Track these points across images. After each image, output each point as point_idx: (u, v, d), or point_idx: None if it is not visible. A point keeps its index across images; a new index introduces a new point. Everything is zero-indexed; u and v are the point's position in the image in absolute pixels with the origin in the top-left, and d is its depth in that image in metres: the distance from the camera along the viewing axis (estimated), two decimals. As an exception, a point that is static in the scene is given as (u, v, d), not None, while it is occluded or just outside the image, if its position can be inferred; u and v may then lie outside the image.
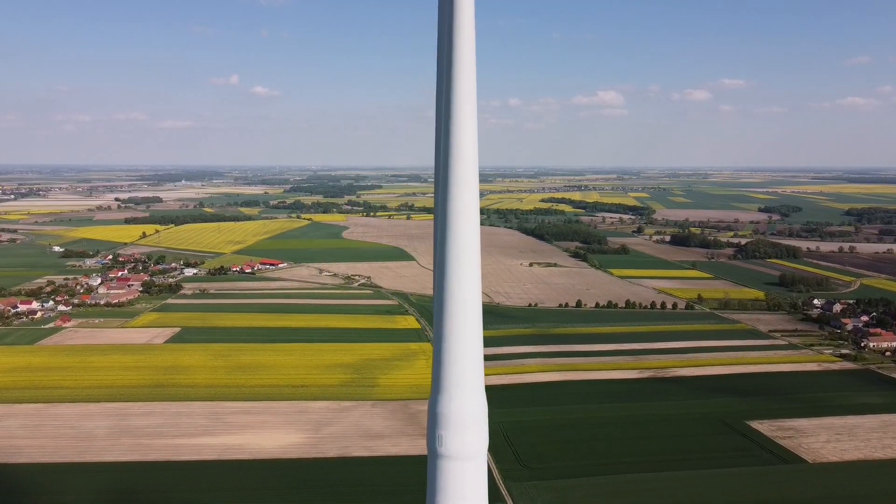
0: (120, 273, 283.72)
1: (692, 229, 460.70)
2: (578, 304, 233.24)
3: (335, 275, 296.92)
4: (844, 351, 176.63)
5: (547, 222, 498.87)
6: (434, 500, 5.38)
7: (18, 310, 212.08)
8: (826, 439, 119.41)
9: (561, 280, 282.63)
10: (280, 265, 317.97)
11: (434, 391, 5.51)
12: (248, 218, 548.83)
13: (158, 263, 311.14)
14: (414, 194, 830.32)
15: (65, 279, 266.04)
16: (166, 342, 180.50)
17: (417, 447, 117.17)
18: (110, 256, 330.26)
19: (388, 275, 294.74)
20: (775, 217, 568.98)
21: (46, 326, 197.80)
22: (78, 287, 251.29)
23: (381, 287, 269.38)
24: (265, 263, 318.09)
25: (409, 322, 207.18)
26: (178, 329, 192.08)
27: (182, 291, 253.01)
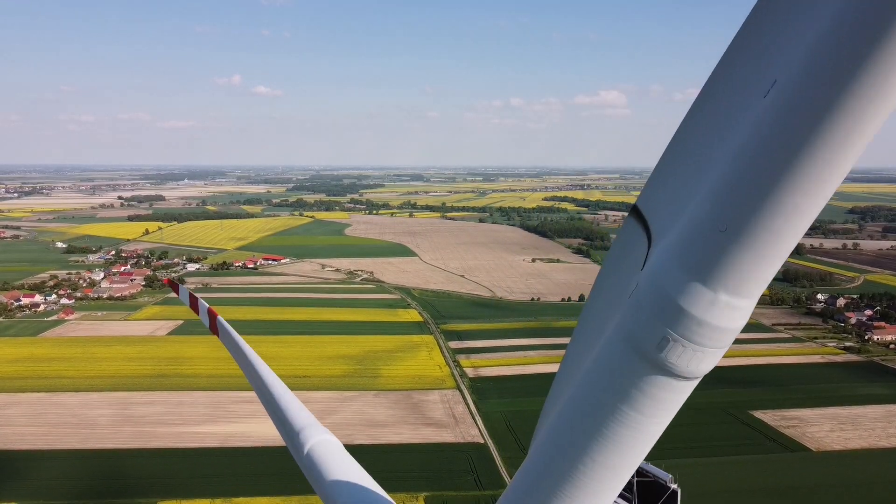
0: (122, 268, 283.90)
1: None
2: (581, 298, 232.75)
3: (338, 270, 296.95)
4: (848, 344, 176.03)
5: (549, 220, 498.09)
6: (617, 412, 3.62)
7: (21, 303, 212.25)
8: (830, 428, 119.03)
9: (563, 275, 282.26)
10: (282, 261, 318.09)
11: (680, 268, 4.18)
12: (251, 216, 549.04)
13: (161, 259, 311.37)
14: (416, 193, 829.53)
15: (68, 274, 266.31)
16: (168, 334, 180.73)
17: (420, 436, 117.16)
18: (113, 252, 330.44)
19: (391, 270, 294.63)
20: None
21: (49, 319, 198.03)
22: (81, 281, 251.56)
23: (383, 282, 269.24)
24: (268, 259, 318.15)
25: (412, 315, 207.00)
26: (180, 322, 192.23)
27: (184, 286, 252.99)
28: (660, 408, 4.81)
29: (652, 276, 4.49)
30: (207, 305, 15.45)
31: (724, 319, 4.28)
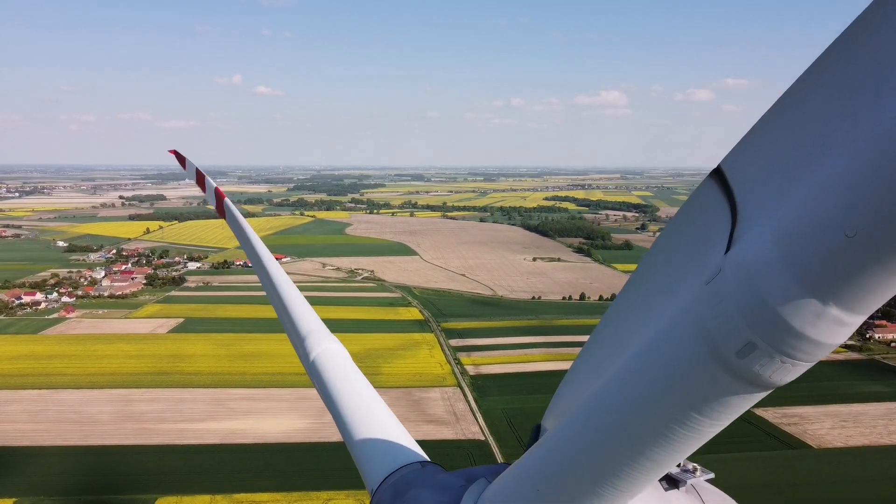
0: (123, 266, 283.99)
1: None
2: (582, 296, 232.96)
3: (338, 269, 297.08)
4: (850, 342, 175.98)
5: (550, 219, 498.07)
6: (674, 411, 3.25)
7: (22, 301, 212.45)
8: (831, 426, 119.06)
9: (564, 274, 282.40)
10: (283, 259, 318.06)
11: (784, 268, 3.34)
12: (252, 215, 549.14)
13: (162, 257, 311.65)
14: (417, 192, 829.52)
15: (69, 272, 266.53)
16: (169, 332, 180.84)
17: (420, 433, 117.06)
18: (114, 251, 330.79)
19: (392, 269, 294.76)
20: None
21: (50, 317, 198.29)
22: (82, 280, 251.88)
23: (384, 280, 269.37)
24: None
25: (413, 313, 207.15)
26: (181, 319, 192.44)
27: (185, 284, 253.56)
28: (725, 413, 4.01)
29: (743, 269, 3.53)
30: (214, 184, 14.28)
31: (828, 335, 3.38)
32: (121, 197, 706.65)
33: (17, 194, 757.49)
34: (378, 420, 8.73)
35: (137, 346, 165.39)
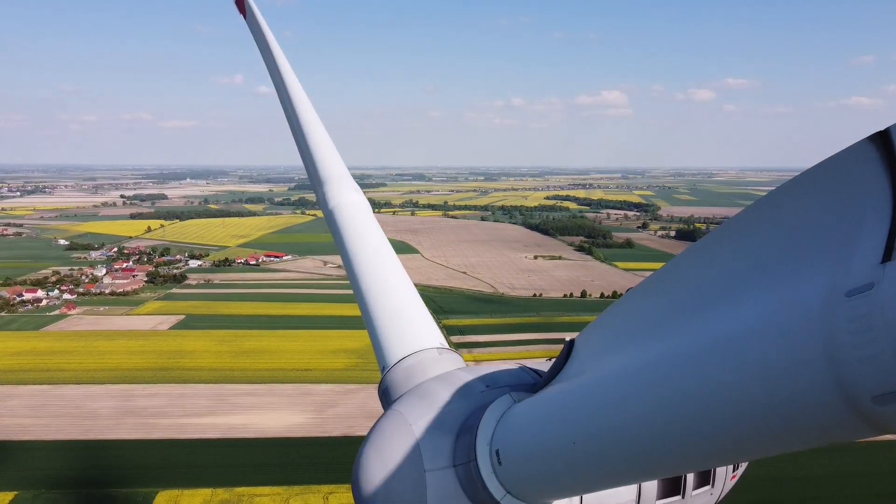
0: (125, 264, 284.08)
1: (697, 225, 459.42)
2: (583, 294, 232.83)
3: (339, 267, 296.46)
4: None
5: (551, 218, 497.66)
6: (763, 426, 2.67)
7: (24, 298, 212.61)
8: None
9: (565, 272, 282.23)
10: (284, 258, 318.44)
11: None
12: (253, 214, 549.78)
13: (163, 255, 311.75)
14: (418, 192, 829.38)
15: (70, 270, 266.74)
16: (171, 328, 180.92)
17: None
18: (115, 249, 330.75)
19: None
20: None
21: (51, 313, 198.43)
22: (83, 277, 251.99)
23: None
24: (270, 256, 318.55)
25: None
26: (182, 316, 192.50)
27: (187, 282, 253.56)
28: (823, 440, 3.12)
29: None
30: None
31: None
32: (122, 196, 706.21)
33: (18, 193, 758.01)
34: (396, 293, 7.92)
35: (138, 342, 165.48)
